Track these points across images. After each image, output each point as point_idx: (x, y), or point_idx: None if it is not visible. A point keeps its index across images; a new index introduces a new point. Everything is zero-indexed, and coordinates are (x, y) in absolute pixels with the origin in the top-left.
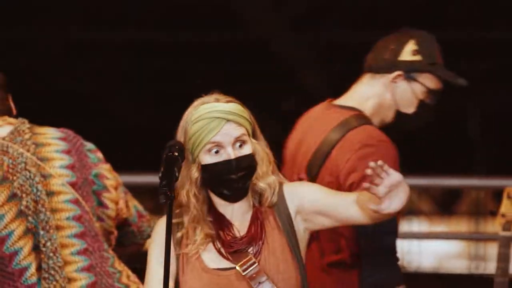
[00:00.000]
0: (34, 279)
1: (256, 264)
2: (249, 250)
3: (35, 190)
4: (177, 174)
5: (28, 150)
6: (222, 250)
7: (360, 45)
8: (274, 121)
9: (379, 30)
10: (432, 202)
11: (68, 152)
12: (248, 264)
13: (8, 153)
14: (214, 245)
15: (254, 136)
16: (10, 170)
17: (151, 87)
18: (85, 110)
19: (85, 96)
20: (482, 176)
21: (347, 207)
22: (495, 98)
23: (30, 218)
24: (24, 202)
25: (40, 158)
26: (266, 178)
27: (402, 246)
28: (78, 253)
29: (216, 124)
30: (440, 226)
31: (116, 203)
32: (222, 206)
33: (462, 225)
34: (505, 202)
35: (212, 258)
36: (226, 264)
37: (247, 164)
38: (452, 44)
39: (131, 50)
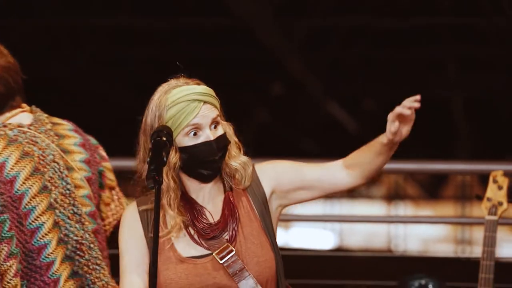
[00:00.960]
0: (58, 273)
1: (234, 251)
2: (224, 236)
3: (64, 183)
4: (165, 159)
5: (52, 142)
6: (196, 237)
7: (346, 30)
8: (261, 106)
9: (366, 16)
10: (418, 187)
11: (83, 146)
12: (225, 252)
13: (37, 143)
14: (187, 232)
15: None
16: (41, 162)
17: (133, 73)
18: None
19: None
20: (468, 160)
21: (334, 174)
22: (478, 84)
23: (57, 211)
24: (53, 195)
25: (62, 150)
26: (238, 158)
27: (389, 230)
28: None
29: (194, 106)
30: (426, 210)
31: (108, 204)
32: (194, 190)
33: (448, 209)
34: (490, 186)
35: (185, 247)
36: (201, 251)
37: (224, 144)
38: (434, 29)
39: (112, 37)
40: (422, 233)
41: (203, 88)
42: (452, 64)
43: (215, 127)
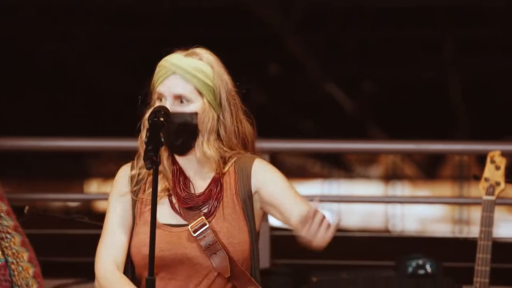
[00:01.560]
0: None
1: (207, 226)
2: (203, 209)
3: None
4: (162, 139)
5: None
6: (176, 206)
7: (344, 10)
8: (259, 87)
9: None
10: (416, 167)
11: None
12: (199, 225)
13: None
14: (169, 200)
15: (219, 102)
16: None
17: (131, 54)
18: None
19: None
20: (465, 141)
21: (291, 214)
22: (476, 64)
23: None
24: None
25: None
26: (204, 149)
27: (387, 210)
28: None
29: (163, 73)
30: (423, 191)
31: None
32: (180, 160)
33: (445, 190)
34: (488, 167)
35: (165, 214)
36: (178, 220)
37: (181, 121)
38: (433, 12)
39: (109, 17)
40: (419, 213)
41: (182, 60)
42: (450, 45)
43: (181, 102)
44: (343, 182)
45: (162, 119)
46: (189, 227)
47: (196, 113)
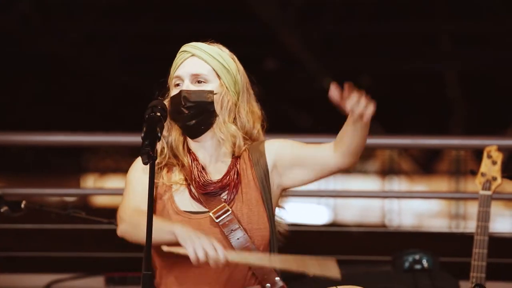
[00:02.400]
0: None
1: (230, 211)
2: (223, 196)
3: None
4: (159, 134)
5: None
6: (196, 194)
7: (341, 4)
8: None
9: None
10: (413, 162)
11: None
12: (222, 211)
13: None
14: (188, 188)
15: (235, 89)
16: None
17: (133, 49)
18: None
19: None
20: (462, 136)
21: (324, 153)
22: (473, 58)
23: None
24: None
25: None
26: (225, 127)
27: (383, 205)
28: None
29: (182, 57)
30: (420, 185)
31: None
32: (194, 146)
33: (442, 184)
34: (485, 161)
35: (184, 201)
36: (198, 207)
37: (199, 100)
38: (430, 5)
39: (112, 12)
40: (416, 208)
41: (202, 44)
42: (448, 39)
43: (198, 82)
44: (340, 177)
45: (159, 114)
46: (210, 213)
47: (212, 91)
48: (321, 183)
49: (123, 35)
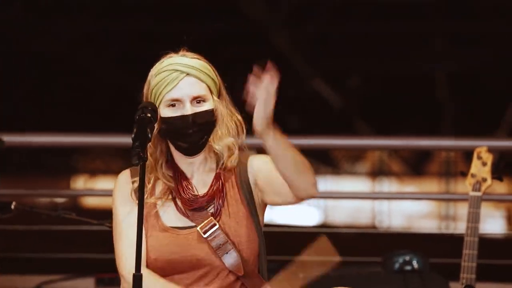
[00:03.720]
0: None
1: (217, 226)
2: (209, 209)
3: None
4: (150, 135)
5: None
6: (182, 209)
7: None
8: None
9: None
10: (403, 163)
11: None
12: (209, 225)
13: None
14: (174, 203)
15: (219, 96)
16: None
17: (123, 48)
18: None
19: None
20: (452, 137)
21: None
22: (463, 59)
23: None
24: None
25: None
26: (223, 140)
27: (373, 207)
28: None
29: (175, 76)
30: (410, 187)
31: None
32: (182, 162)
33: (432, 186)
34: (475, 163)
35: (170, 217)
36: (184, 222)
37: (204, 120)
38: (420, 5)
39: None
40: (406, 209)
41: (191, 61)
42: (439, 40)
43: (198, 102)
44: (330, 178)
45: (149, 115)
46: (198, 228)
47: (212, 110)
48: None
49: (117, 35)
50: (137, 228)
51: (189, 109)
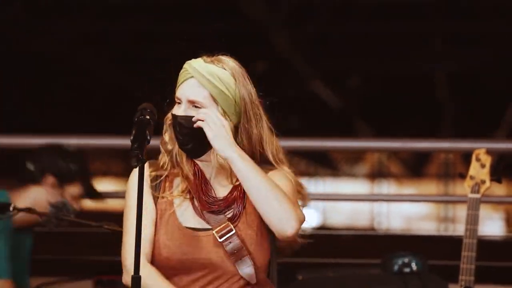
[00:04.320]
0: None
1: (234, 231)
2: (227, 214)
3: None
4: (148, 137)
5: None
6: (199, 210)
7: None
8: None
9: None
10: (402, 165)
11: None
12: (226, 230)
13: None
14: (192, 203)
15: (237, 111)
16: None
17: (122, 49)
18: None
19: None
20: (451, 139)
21: None
22: (463, 60)
23: None
24: None
25: None
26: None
27: (372, 209)
28: None
29: (182, 76)
30: (409, 189)
31: None
32: (201, 165)
33: (431, 188)
34: (473, 165)
35: (187, 217)
36: (201, 224)
37: (188, 126)
38: (420, 6)
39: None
40: (405, 211)
41: (202, 65)
42: (439, 40)
43: (194, 107)
44: (329, 180)
45: (148, 117)
46: (214, 231)
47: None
48: (310, 186)
49: (117, 35)
50: (136, 229)
51: (182, 111)
